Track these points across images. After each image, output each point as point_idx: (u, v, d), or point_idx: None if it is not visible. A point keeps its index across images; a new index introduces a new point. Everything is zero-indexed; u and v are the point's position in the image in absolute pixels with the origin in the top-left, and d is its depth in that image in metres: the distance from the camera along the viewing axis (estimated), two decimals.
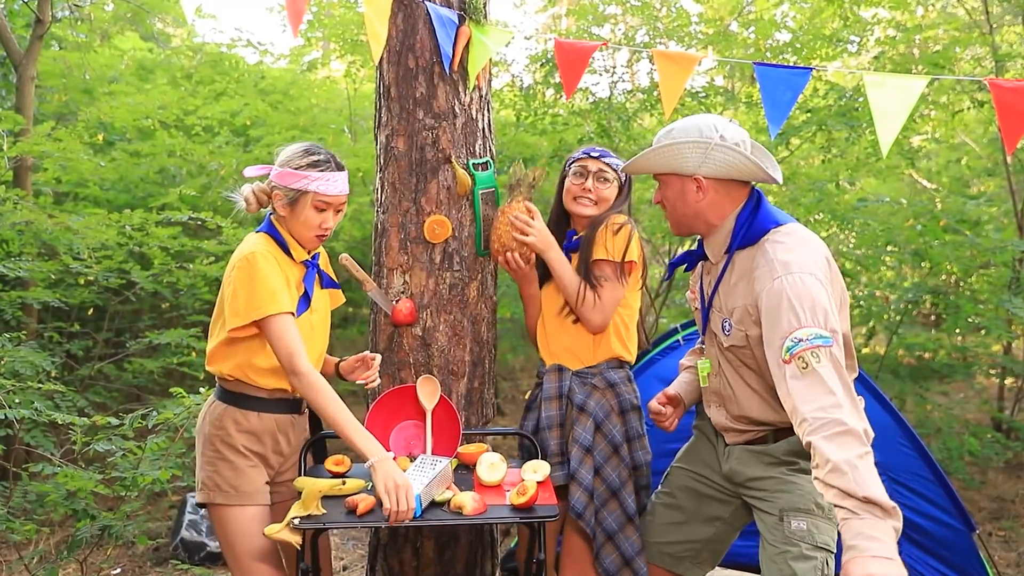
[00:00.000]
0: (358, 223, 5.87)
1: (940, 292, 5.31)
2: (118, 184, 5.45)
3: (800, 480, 1.91)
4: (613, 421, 2.33)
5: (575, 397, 2.34)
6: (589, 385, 2.35)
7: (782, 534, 1.87)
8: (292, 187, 2.02)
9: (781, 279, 1.72)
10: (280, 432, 2.10)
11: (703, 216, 1.95)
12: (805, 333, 1.64)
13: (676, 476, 2.21)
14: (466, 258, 2.53)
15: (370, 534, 2.71)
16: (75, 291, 4.71)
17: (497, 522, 2.04)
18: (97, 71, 6.06)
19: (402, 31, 2.50)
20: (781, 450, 1.93)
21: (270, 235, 2.07)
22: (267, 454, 2.08)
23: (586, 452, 2.29)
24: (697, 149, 1.87)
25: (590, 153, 2.41)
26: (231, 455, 2.02)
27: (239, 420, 2.03)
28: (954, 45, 5.21)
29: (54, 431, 3.85)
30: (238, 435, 2.03)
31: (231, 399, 2.05)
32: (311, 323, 2.10)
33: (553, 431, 2.34)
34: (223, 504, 2.01)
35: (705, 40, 5.67)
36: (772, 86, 2.45)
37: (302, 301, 2.07)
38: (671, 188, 1.96)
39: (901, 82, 2.40)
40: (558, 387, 2.36)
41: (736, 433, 2.02)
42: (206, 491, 2.02)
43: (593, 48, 2.69)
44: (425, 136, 2.49)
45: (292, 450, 2.16)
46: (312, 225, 2.05)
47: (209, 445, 2.04)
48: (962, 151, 7.02)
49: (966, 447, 4.61)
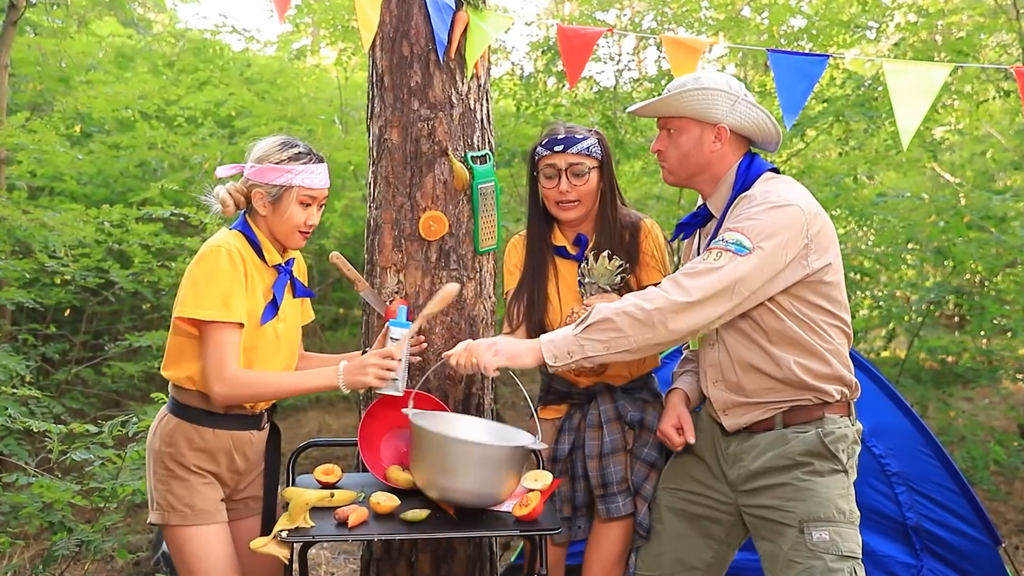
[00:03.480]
0: (349, 219, 5.88)
1: (964, 292, 5.32)
2: (96, 178, 5.46)
3: (816, 484, 1.90)
4: None
5: (630, 416, 2.26)
6: (640, 401, 2.29)
7: (805, 548, 1.86)
8: (275, 183, 2.00)
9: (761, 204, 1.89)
10: (236, 450, 2.06)
11: (711, 168, 2.03)
12: (731, 236, 1.86)
13: (664, 499, 2.17)
14: (463, 256, 2.53)
15: (362, 547, 2.71)
16: (51, 291, 4.71)
17: (497, 535, 2.04)
18: (74, 58, 6.06)
19: (396, 16, 2.50)
20: (797, 450, 1.93)
21: (244, 234, 2.03)
22: (221, 472, 2.05)
23: (651, 467, 2.25)
24: (727, 99, 1.97)
25: (553, 148, 2.25)
26: (183, 473, 1.99)
27: (192, 437, 2.00)
28: (979, 31, 5.22)
29: (29, 439, 3.85)
30: (190, 453, 2.00)
31: (184, 413, 2.01)
32: (276, 332, 2.06)
33: (619, 455, 2.23)
34: (179, 525, 1.98)
35: (716, 26, 5.68)
36: (787, 75, 2.45)
37: (269, 308, 2.03)
38: (688, 134, 2.02)
39: (923, 70, 2.40)
40: (615, 407, 2.27)
41: (739, 411, 1.99)
42: (160, 511, 1.99)
43: (598, 34, 2.69)
44: (420, 127, 2.49)
45: (249, 467, 2.13)
46: (297, 222, 2.03)
47: (160, 463, 2.01)
48: (987, 143, 7.02)
49: (991, 456, 4.61)
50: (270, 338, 2.03)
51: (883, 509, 2.87)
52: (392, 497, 2.04)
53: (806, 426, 1.94)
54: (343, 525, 1.93)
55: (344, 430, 5.89)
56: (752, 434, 2.00)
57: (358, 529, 1.93)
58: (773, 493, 1.94)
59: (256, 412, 2.08)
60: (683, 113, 2.00)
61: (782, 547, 1.90)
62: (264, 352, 2.04)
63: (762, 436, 1.98)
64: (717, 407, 2.05)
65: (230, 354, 1.92)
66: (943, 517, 2.89)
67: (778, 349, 1.93)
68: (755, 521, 2.00)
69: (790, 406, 1.95)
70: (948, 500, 2.91)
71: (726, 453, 2.05)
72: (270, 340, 2.03)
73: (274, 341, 2.05)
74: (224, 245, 1.95)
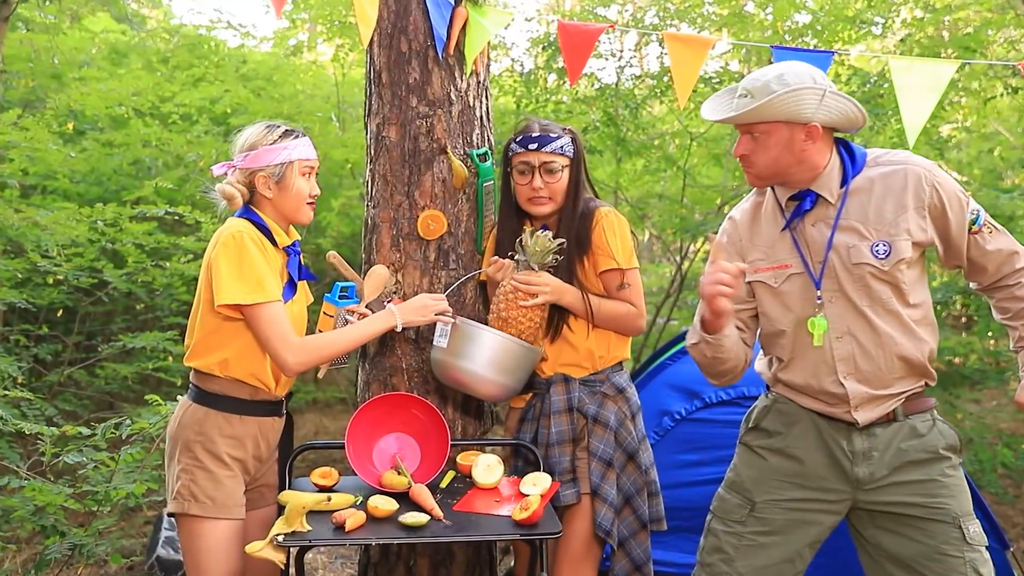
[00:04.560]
0: (347, 218, 5.88)
1: (971, 292, 5.31)
2: (89, 176, 5.45)
3: (960, 478, 1.97)
4: (627, 428, 2.35)
5: (587, 409, 2.33)
6: (599, 394, 2.35)
7: (963, 542, 1.92)
8: (277, 162, 2.09)
9: (932, 171, 1.95)
10: (261, 436, 2.13)
11: (808, 162, 1.98)
12: (974, 204, 1.96)
13: (766, 512, 2.04)
14: (462, 256, 2.53)
15: (360, 552, 2.71)
16: (43, 291, 4.71)
17: (497, 539, 2.04)
18: (67, 55, 6.06)
19: (394, 12, 2.50)
20: (939, 444, 1.96)
21: (252, 221, 2.10)
22: (247, 460, 2.10)
23: (607, 465, 2.30)
24: (814, 95, 1.92)
25: (527, 146, 2.32)
26: (211, 464, 2.03)
27: (222, 425, 2.05)
28: (986, 27, 5.21)
29: (21, 441, 3.85)
30: (222, 440, 2.05)
31: (212, 401, 2.07)
32: (294, 314, 2.13)
33: (565, 446, 2.32)
34: (198, 515, 2.01)
35: (719, 22, 5.67)
36: None
37: (288, 288, 2.12)
38: (776, 136, 1.95)
39: (929, 67, 2.40)
40: (567, 399, 2.34)
41: (872, 404, 1.97)
42: (180, 500, 2.02)
43: (599, 30, 2.69)
44: (419, 125, 2.49)
45: (270, 454, 2.20)
46: (304, 194, 2.13)
47: (187, 452, 2.04)
48: (995, 141, 7.02)
49: (999, 459, 4.61)
50: (289, 318, 2.09)
51: None
52: (390, 500, 2.04)
53: (923, 415, 1.98)
54: (340, 529, 1.93)
55: (341, 432, 5.83)
56: (879, 427, 1.98)
57: (356, 533, 1.93)
58: (917, 489, 1.95)
59: (278, 398, 2.16)
60: (775, 118, 1.93)
61: (929, 541, 1.93)
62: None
63: (887, 428, 1.97)
64: (853, 402, 1.97)
65: (286, 327, 2.03)
66: None
67: (922, 331, 1.96)
68: (891, 516, 1.97)
69: (908, 395, 1.97)
70: None
71: (851, 451, 1.98)
72: (290, 320, 2.09)
73: (292, 321, 2.11)
74: (244, 230, 2.03)
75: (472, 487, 2.24)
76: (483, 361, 2.20)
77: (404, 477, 2.14)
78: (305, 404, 6.37)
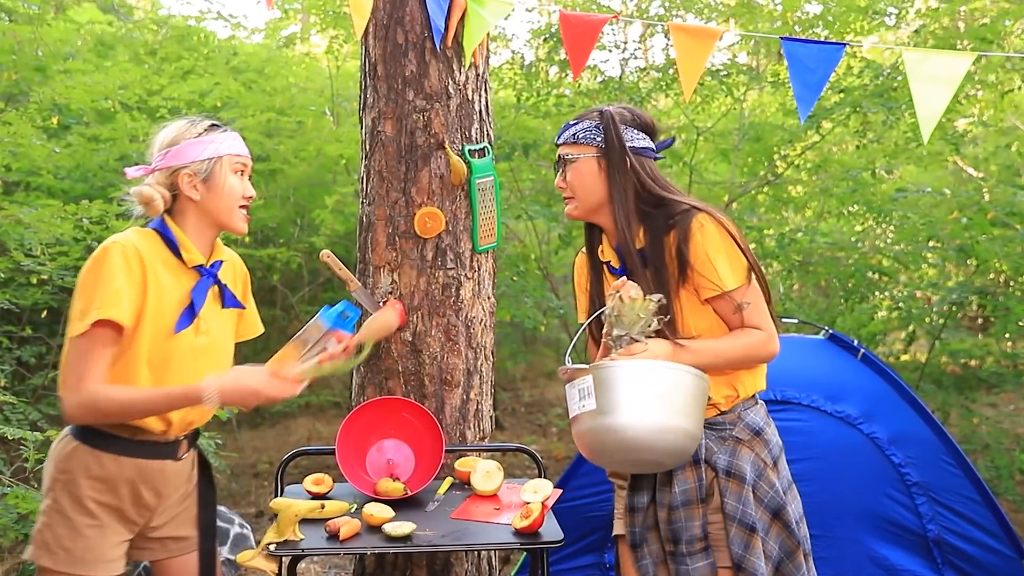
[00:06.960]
0: (341, 216, 5.88)
1: (988, 292, 5.32)
2: (74, 172, 5.44)
3: None
4: (768, 479, 1.92)
5: (717, 460, 1.91)
6: (731, 439, 1.93)
7: None
8: (203, 158, 1.88)
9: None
10: (143, 481, 1.87)
11: None
12: None
13: None
14: (461, 255, 2.53)
15: (354, 561, 2.71)
16: (27, 291, 4.70)
17: (497, 548, 2.05)
18: (51, 46, 6.05)
19: (389, 2, 2.50)
20: None
21: (159, 232, 1.88)
22: (124, 507, 1.86)
23: (750, 531, 1.87)
24: None
25: (556, 140, 2.05)
26: (70, 509, 1.81)
27: (89, 464, 1.82)
28: (1004, 18, 5.21)
29: (3, 447, 3.85)
30: (86, 482, 1.81)
31: (84, 436, 1.84)
32: (194, 348, 1.87)
33: (693, 508, 1.89)
34: (49, 568, 1.80)
35: (727, 12, 5.68)
36: (801, 64, 2.45)
37: (184, 316, 1.86)
38: None
39: (944, 59, 2.40)
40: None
41: None
42: (34, 548, 1.83)
43: (603, 21, 2.69)
44: (416, 119, 2.49)
45: (162, 503, 1.94)
46: (236, 194, 1.91)
47: (50, 491, 1.84)
48: (1012, 136, 7.00)
49: (1017, 465, 4.61)
50: (186, 356, 1.86)
51: (903, 521, 2.87)
52: (386, 508, 2.04)
53: None
54: (334, 538, 1.93)
55: (335, 438, 5.88)
56: None
57: (350, 542, 1.93)
58: None
59: (170, 439, 1.90)
60: None
61: None
62: (178, 367, 1.85)
63: None
64: None
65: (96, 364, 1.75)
66: (966, 529, 2.89)
67: None
68: None
69: None
70: (971, 511, 2.92)
71: None
72: (186, 358, 1.86)
73: (190, 359, 1.87)
74: (120, 242, 1.80)
75: (471, 494, 2.25)
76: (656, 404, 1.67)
77: (400, 484, 2.14)
78: (298, 408, 6.36)
